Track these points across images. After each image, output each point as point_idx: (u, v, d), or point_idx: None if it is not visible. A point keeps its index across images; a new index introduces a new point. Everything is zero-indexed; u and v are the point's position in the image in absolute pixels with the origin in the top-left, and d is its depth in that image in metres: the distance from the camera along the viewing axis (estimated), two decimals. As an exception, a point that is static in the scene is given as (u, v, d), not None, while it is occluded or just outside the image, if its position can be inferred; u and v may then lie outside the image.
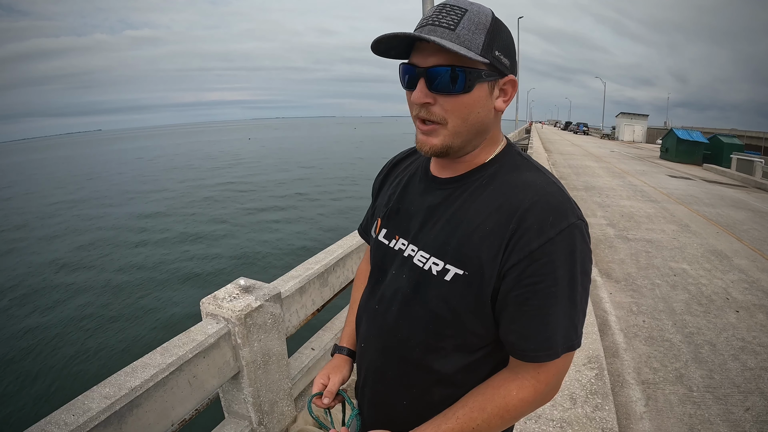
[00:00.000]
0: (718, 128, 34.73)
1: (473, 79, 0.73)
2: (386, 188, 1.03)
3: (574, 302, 0.73)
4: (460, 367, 0.83)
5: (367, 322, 0.95)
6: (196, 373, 1.63)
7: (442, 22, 0.72)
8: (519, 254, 0.72)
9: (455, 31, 0.71)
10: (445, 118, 0.76)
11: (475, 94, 0.74)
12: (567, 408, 2.35)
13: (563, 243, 0.71)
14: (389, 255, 0.91)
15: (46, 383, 5.96)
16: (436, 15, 0.73)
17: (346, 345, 1.08)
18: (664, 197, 10.34)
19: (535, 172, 0.80)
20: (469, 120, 0.77)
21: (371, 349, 0.93)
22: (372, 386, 0.94)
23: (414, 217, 0.88)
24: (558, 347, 0.74)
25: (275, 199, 19.62)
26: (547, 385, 0.78)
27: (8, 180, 36.10)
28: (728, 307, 4.30)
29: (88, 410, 1.26)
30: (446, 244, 0.80)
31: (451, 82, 0.73)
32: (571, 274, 0.72)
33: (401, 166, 1.04)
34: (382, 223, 0.97)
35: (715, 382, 3.06)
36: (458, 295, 0.78)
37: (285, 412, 2.12)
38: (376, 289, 0.94)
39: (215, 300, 1.83)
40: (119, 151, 69.99)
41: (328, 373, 1.02)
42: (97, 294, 9.13)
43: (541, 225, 0.71)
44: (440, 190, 0.86)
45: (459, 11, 0.72)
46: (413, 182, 0.94)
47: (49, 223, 16.98)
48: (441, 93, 0.74)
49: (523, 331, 0.75)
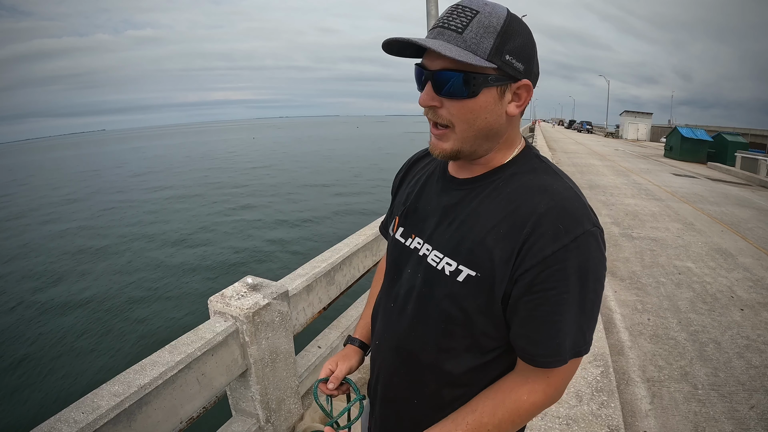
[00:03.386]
0: (722, 126, 34.52)
1: (478, 84, 0.72)
2: (405, 187, 1.03)
3: (584, 309, 0.73)
4: (471, 367, 0.83)
5: (382, 320, 0.96)
6: (205, 370, 1.64)
7: (450, 24, 0.72)
8: (532, 260, 0.71)
9: (462, 35, 0.71)
10: (451, 122, 0.76)
11: (481, 99, 0.73)
12: (573, 405, 2.36)
13: (577, 250, 0.70)
14: (405, 253, 0.92)
15: (56, 381, 6.00)
16: (447, 17, 0.73)
17: (359, 337, 1.10)
18: (668, 195, 10.30)
19: (553, 177, 0.79)
20: (476, 125, 0.76)
21: (385, 346, 0.93)
22: (384, 383, 0.95)
23: (430, 216, 0.88)
24: (566, 354, 0.74)
25: (281, 197, 19.64)
26: (556, 390, 0.79)
27: (19, 177, 36.39)
28: (733, 305, 4.29)
29: (98, 408, 1.27)
30: (460, 245, 0.80)
31: (455, 87, 0.72)
32: (584, 281, 0.72)
33: (420, 164, 1.04)
34: (399, 222, 0.97)
35: (720, 380, 3.05)
36: (470, 296, 0.78)
37: (292, 409, 2.13)
38: (391, 287, 0.95)
39: (223, 298, 1.84)
40: (121, 151, 70.22)
41: (336, 360, 1.04)
42: (105, 291, 9.16)
43: (555, 231, 0.70)
44: (457, 191, 0.86)
45: (470, 13, 0.72)
46: (431, 182, 0.94)
47: (68, 217, 17.14)
48: (446, 97, 0.74)
49: (533, 337, 0.75)
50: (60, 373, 6.17)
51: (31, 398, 5.65)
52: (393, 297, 0.93)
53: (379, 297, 1.02)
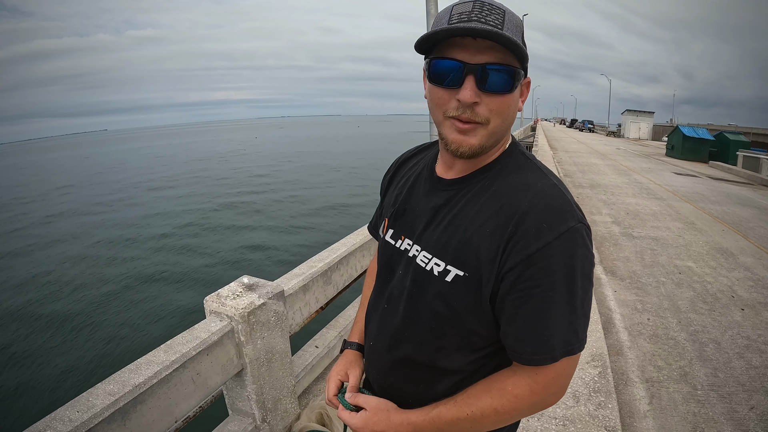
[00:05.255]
0: (724, 125, 34.42)
1: (518, 79, 0.74)
2: (393, 188, 1.03)
3: (573, 306, 0.73)
4: (463, 365, 0.84)
5: (375, 321, 0.97)
6: (200, 370, 1.64)
7: (489, 20, 0.69)
8: (516, 257, 0.72)
9: (503, 32, 0.68)
10: (488, 119, 0.74)
11: (516, 94, 0.75)
12: (570, 406, 2.35)
13: (561, 247, 0.70)
14: (396, 255, 0.93)
15: (51, 380, 6.02)
16: (479, 12, 0.70)
17: (357, 340, 1.10)
18: (669, 195, 10.28)
19: (537, 174, 0.79)
20: (508, 120, 0.77)
21: (379, 347, 0.94)
22: (379, 384, 0.96)
23: (419, 217, 0.89)
24: (555, 351, 0.74)
25: (278, 197, 19.67)
26: (545, 388, 0.78)
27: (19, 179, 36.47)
28: (733, 305, 4.28)
29: (93, 407, 1.27)
30: (447, 245, 0.81)
31: (502, 82, 0.72)
32: (570, 278, 0.71)
33: (407, 165, 1.05)
34: (389, 224, 0.98)
35: (720, 381, 3.04)
36: (459, 296, 0.79)
37: (288, 409, 2.13)
38: (384, 288, 0.96)
39: (219, 298, 1.84)
40: (126, 150, 70.31)
41: (345, 369, 1.03)
42: (100, 291, 9.18)
43: (539, 228, 0.71)
44: (444, 191, 0.86)
45: (500, 11, 0.71)
46: (419, 182, 0.95)
47: (69, 216, 17.21)
48: (491, 92, 0.72)
49: (519, 334, 0.75)
50: (55, 373, 6.19)
51: (26, 397, 5.67)
52: (386, 298, 0.94)
53: (372, 299, 1.02)
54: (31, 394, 5.73)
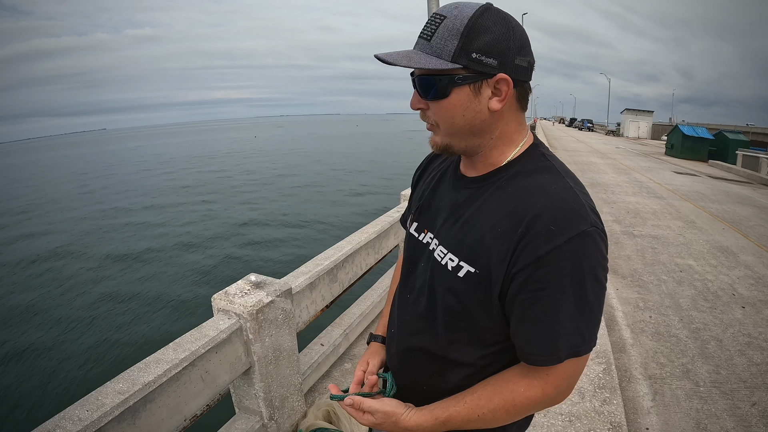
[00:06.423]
0: (723, 124, 34.45)
1: (445, 85, 0.76)
2: (422, 183, 1.08)
3: (581, 310, 0.73)
4: (474, 359, 0.86)
5: (398, 310, 1.01)
6: (209, 368, 1.64)
7: (424, 33, 0.77)
8: (526, 259, 0.72)
9: (430, 42, 0.75)
10: (436, 121, 0.82)
11: (453, 98, 0.77)
12: (575, 402, 2.37)
13: (571, 251, 0.70)
14: (419, 248, 0.96)
15: (60, 379, 6.00)
16: (425, 26, 0.78)
17: (381, 333, 1.15)
18: (669, 194, 10.30)
19: (554, 176, 0.79)
20: (456, 123, 0.79)
21: (398, 335, 0.99)
22: (397, 370, 1.00)
23: (441, 212, 0.92)
24: (561, 353, 0.75)
25: (284, 196, 19.65)
26: (555, 388, 0.80)
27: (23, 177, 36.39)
28: (734, 302, 4.30)
29: (102, 405, 1.27)
30: (463, 242, 0.83)
31: (429, 90, 0.78)
32: (579, 282, 0.72)
33: (437, 161, 1.08)
34: (414, 217, 1.02)
35: (722, 378, 3.06)
36: (469, 292, 0.81)
37: (295, 407, 2.14)
38: (407, 279, 0.99)
39: (227, 296, 1.85)
40: (127, 149, 70.22)
41: (367, 359, 1.09)
42: (108, 289, 9.16)
43: (549, 231, 0.71)
44: (465, 189, 0.88)
45: (439, 20, 0.75)
46: (444, 179, 0.98)
47: (70, 215, 17.16)
48: (428, 99, 0.79)
49: (526, 335, 0.77)
50: (64, 372, 6.19)
51: (35, 397, 5.66)
52: (409, 288, 0.98)
53: (398, 289, 1.06)
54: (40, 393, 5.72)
